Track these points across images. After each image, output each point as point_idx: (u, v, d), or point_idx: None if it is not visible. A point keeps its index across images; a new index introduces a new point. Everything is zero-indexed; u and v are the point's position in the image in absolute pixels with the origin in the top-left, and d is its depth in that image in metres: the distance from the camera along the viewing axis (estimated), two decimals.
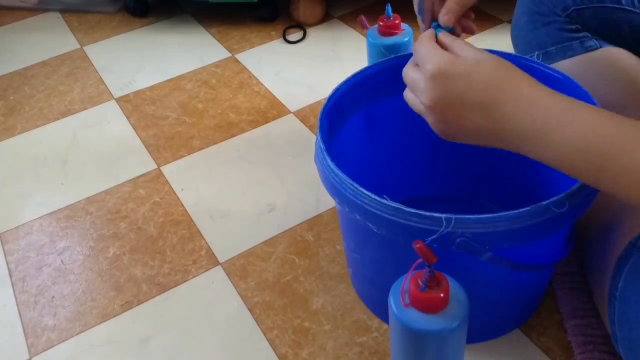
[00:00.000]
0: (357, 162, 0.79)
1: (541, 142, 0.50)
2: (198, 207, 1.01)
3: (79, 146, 1.17)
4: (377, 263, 0.72)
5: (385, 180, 0.83)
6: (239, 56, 1.39)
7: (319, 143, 0.65)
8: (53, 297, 0.89)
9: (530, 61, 0.73)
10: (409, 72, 0.59)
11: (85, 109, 1.27)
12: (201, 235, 0.96)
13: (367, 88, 0.77)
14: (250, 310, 0.84)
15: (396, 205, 0.55)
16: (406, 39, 0.97)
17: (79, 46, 1.48)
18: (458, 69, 0.53)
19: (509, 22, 1.41)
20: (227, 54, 1.40)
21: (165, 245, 0.95)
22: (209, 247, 0.94)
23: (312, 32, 1.44)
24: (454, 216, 0.53)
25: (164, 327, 0.83)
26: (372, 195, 0.57)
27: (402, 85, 0.62)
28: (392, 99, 0.75)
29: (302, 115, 1.19)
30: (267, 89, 1.27)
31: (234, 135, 1.16)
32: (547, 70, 0.72)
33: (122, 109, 1.26)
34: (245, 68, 1.34)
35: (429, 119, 0.57)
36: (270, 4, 1.47)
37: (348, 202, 0.60)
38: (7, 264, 0.94)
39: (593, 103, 0.64)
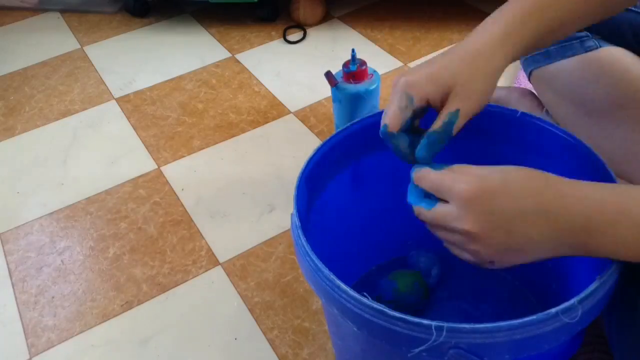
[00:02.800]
0: (343, 223, 0.74)
1: (607, 233, 0.45)
2: (198, 207, 1.01)
3: (79, 146, 1.17)
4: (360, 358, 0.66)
5: (374, 238, 0.79)
6: (239, 56, 1.39)
7: (295, 219, 0.57)
8: (53, 297, 0.89)
9: (540, 121, 0.66)
10: (428, 214, 0.50)
11: (85, 109, 1.27)
12: (201, 235, 0.96)
13: (351, 146, 0.69)
14: (250, 311, 0.84)
15: (379, 307, 0.47)
16: (374, 86, 0.94)
17: (79, 46, 1.48)
18: (491, 185, 0.46)
19: None
20: (227, 54, 1.40)
21: (165, 245, 0.95)
22: (209, 247, 0.94)
23: (312, 32, 1.44)
24: (445, 324, 0.45)
25: (164, 327, 0.83)
26: (351, 292, 0.49)
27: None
28: (379, 155, 0.70)
29: (302, 115, 1.19)
30: (267, 89, 1.27)
31: (234, 136, 1.16)
32: (561, 134, 0.65)
33: (122, 109, 1.26)
34: (246, 68, 1.34)
35: (478, 250, 0.48)
36: (270, 4, 1.47)
37: (324, 293, 0.52)
38: (7, 264, 0.94)
39: (607, 171, 0.59)
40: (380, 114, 0.64)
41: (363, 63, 0.94)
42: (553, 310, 0.45)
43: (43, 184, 1.09)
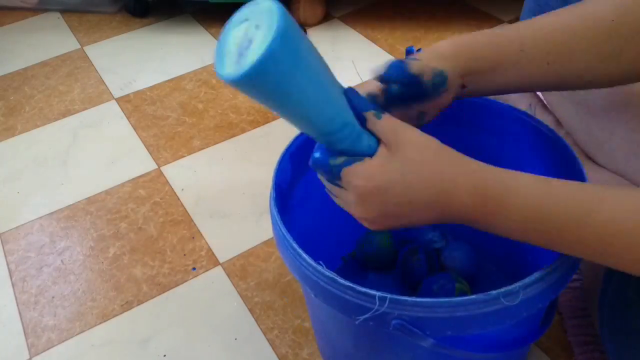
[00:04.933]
0: (327, 205, 0.76)
1: (494, 217, 0.47)
2: (198, 207, 1.01)
3: (79, 146, 1.17)
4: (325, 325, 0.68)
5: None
6: None
7: (272, 191, 0.60)
8: (53, 297, 0.89)
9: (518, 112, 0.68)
10: (327, 184, 0.52)
11: (85, 109, 1.27)
12: (201, 235, 0.96)
13: None
14: (251, 311, 0.84)
15: (331, 275, 0.50)
16: None
17: (79, 46, 1.48)
18: (387, 181, 0.47)
19: (510, 22, 1.41)
20: None
21: (165, 245, 0.95)
22: (209, 247, 0.94)
23: (312, 32, 1.44)
24: (389, 296, 0.48)
25: (164, 327, 0.83)
26: (309, 260, 0.52)
27: None
28: None
29: None
30: None
31: (234, 135, 1.16)
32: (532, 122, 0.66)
33: (122, 109, 1.26)
34: None
35: (364, 218, 0.51)
36: None
37: (289, 262, 0.55)
38: (7, 264, 0.94)
39: (575, 160, 0.59)
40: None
41: None
42: (494, 292, 0.47)
43: (43, 184, 1.09)
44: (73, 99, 1.30)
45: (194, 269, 0.91)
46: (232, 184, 1.05)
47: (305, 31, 1.44)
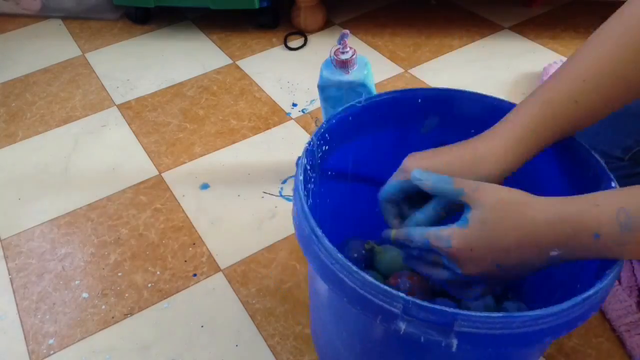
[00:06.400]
0: (349, 193, 0.74)
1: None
2: (199, 213, 1.01)
3: (80, 153, 1.17)
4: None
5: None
6: (240, 63, 1.39)
7: (299, 170, 0.57)
8: (54, 303, 0.89)
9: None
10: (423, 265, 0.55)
11: (86, 115, 1.27)
12: (202, 241, 0.96)
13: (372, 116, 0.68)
14: (252, 317, 0.84)
15: (358, 272, 0.47)
16: (365, 72, 0.87)
17: (80, 53, 1.49)
18: (472, 239, 0.49)
19: (510, 28, 1.41)
20: (229, 61, 1.40)
21: (166, 251, 0.95)
22: (210, 253, 0.94)
23: (313, 39, 1.45)
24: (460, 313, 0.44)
25: (165, 333, 0.83)
26: (327, 243, 0.49)
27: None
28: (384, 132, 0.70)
29: (303, 121, 1.19)
30: (268, 95, 1.27)
31: (235, 142, 1.16)
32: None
33: (123, 116, 1.26)
34: (247, 74, 1.35)
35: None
36: (271, 11, 1.47)
37: (301, 238, 0.53)
38: (8, 270, 0.94)
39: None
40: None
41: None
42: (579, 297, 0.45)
43: (44, 191, 1.09)
44: (74, 106, 1.30)
45: (194, 275, 0.91)
46: (233, 190, 1.05)
47: (306, 38, 1.44)
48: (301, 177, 0.56)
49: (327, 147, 0.64)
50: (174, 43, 1.49)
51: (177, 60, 1.42)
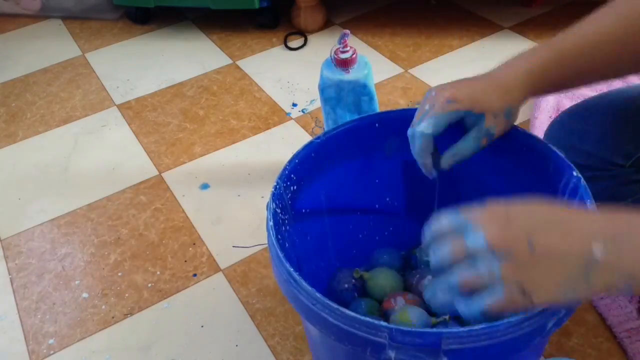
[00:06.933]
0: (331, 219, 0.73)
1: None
2: (199, 213, 1.01)
3: (80, 153, 1.17)
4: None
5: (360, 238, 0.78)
6: (240, 63, 1.39)
7: (269, 223, 0.55)
8: (54, 303, 0.89)
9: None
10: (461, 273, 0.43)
11: (86, 115, 1.27)
12: (202, 241, 0.96)
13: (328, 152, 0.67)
14: (252, 317, 0.84)
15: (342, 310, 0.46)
16: (365, 72, 0.85)
17: (80, 53, 1.49)
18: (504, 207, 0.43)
19: (510, 28, 1.41)
20: (229, 61, 1.40)
21: (166, 251, 0.95)
22: (210, 253, 0.94)
23: (313, 39, 1.45)
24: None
25: (165, 333, 0.83)
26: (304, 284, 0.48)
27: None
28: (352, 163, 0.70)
29: (303, 121, 1.19)
30: (268, 95, 1.27)
31: (235, 142, 1.16)
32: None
33: (123, 116, 1.26)
34: (247, 74, 1.35)
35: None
36: (271, 11, 1.47)
37: (279, 278, 0.52)
38: (8, 270, 0.94)
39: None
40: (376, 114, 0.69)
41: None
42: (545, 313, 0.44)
43: (44, 191, 1.09)
44: (74, 106, 1.30)
45: (194, 275, 0.91)
46: (234, 190, 1.05)
47: (306, 38, 1.44)
48: (271, 223, 0.55)
49: (295, 187, 0.63)
50: (174, 43, 1.49)
51: (177, 60, 1.42)
